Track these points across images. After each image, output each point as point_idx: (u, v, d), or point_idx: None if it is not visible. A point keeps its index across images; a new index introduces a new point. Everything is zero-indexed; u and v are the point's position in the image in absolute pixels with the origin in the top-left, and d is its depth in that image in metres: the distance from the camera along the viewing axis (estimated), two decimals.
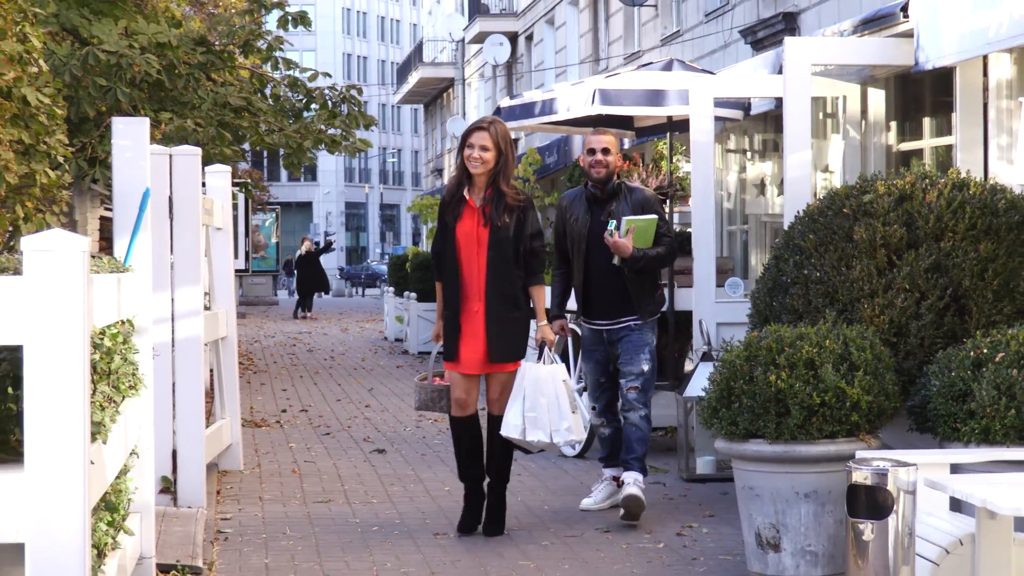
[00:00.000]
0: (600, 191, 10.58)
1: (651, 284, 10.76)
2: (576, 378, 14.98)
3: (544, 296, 10.17)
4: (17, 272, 4.98)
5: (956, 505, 7.75)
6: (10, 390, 5.37)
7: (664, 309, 11.61)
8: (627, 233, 10.07)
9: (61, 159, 8.30)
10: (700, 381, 9.94)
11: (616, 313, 10.58)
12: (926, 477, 7.47)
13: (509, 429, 9.58)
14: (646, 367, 10.50)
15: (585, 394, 14.16)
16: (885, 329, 9.97)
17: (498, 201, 9.58)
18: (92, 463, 5.14)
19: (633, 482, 10.23)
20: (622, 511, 10.18)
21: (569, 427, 9.72)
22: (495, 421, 9.84)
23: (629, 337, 10.54)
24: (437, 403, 10.07)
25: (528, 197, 10.01)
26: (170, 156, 10.23)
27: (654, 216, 10.39)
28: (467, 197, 9.72)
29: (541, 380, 9.64)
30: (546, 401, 9.57)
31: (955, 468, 7.76)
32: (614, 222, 9.99)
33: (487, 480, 9.98)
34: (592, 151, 10.51)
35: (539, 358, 9.90)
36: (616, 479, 10.74)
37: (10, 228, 7.43)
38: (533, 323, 10.50)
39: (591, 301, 10.71)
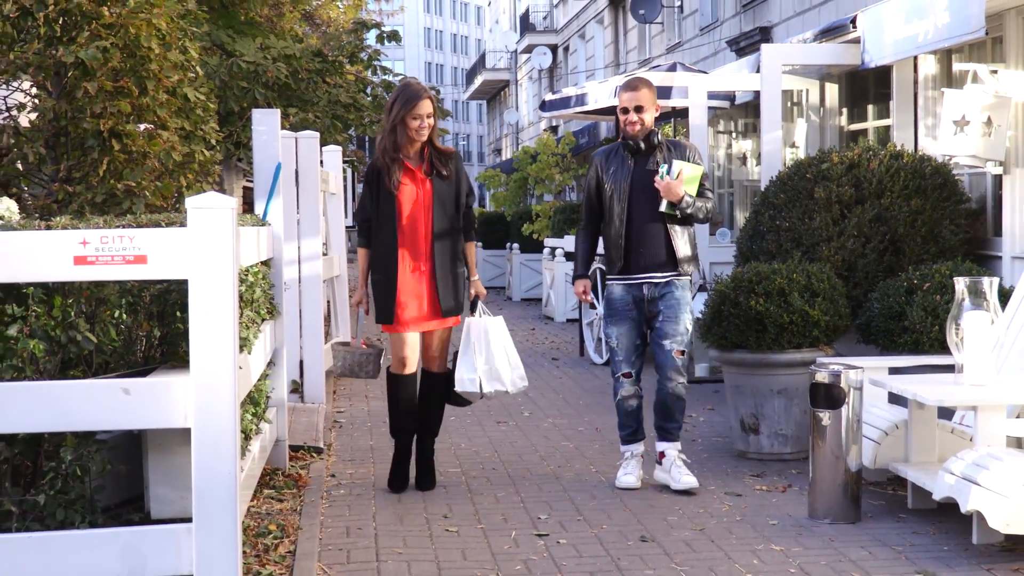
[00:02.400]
0: (639, 142, 7.93)
1: (692, 240, 7.97)
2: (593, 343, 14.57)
3: (475, 252, 8.05)
4: (183, 225, 4.99)
5: (894, 399, 7.73)
6: (178, 314, 5.39)
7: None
8: (677, 176, 7.69)
9: (214, 142, 8.29)
10: (697, 305, 9.87)
11: (659, 267, 7.79)
12: (870, 377, 7.46)
13: (464, 384, 7.67)
14: (690, 326, 7.82)
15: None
16: (839, 265, 9.97)
17: (439, 156, 7.63)
18: (240, 368, 5.17)
19: (677, 457, 7.82)
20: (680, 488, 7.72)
21: (521, 375, 7.87)
22: (433, 377, 7.88)
23: (673, 294, 7.77)
24: (364, 367, 7.91)
25: (454, 149, 7.99)
26: (296, 139, 10.25)
27: (702, 165, 8.00)
28: (404, 161, 7.57)
29: (490, 332, 7.78)
30: (498, 352, 7.76)
31: (892, 371, 7.76)
32: (665, 165, 7.69)
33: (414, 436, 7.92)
34: (625, 110, 8.01)
35: (473, 311, 7.92)
36: (641, 455, 8.05)
37: (176, 194, 7.42)
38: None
39: (631, 254, 7.83)
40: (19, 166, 7.45)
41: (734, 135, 19.44)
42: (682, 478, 7.67)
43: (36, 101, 7.36)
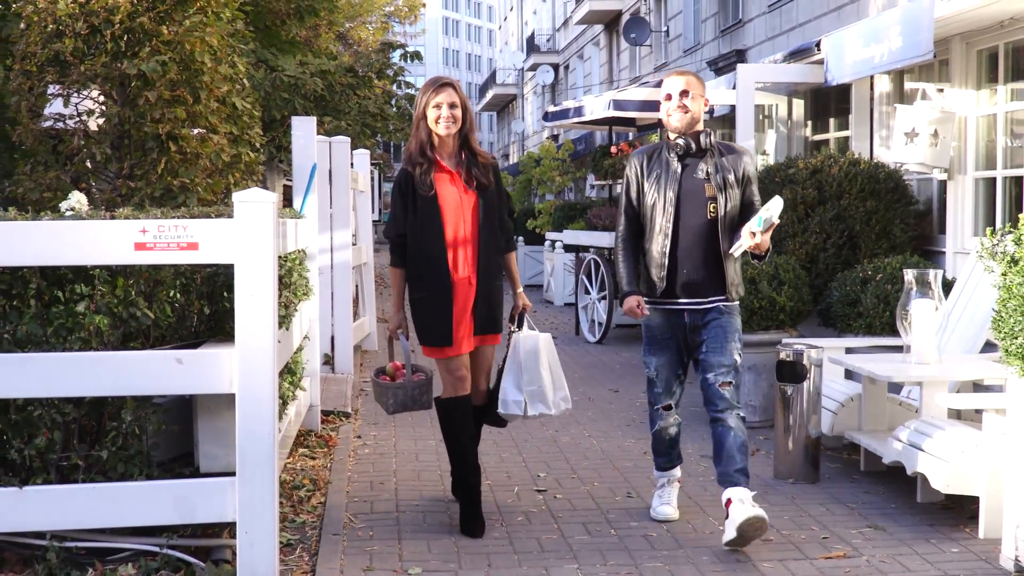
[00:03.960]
0: (690, 143, 5.86)
1: (736, 262, 5.97)
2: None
3: (516, 261, 6.31)
4: (230, 216, 4.98)
5: (849, 375, 7.73)
6: (225, 294, 5.39)
7: None
8: (769, 229, 5.60)
9: (258, 145, 8.28)
10: None
11: (706, 290, 5.88)
12: (829, 356, 7.46)
13: (509, 407, 6.07)
14: (738, 358, 5.91)
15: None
16: (803, 258, 9.99)
17: (476, 163, 5.92)
18: (279, 342, 5.16)
19: (745, 499, 5.64)
20: (735, 536, 5.57)
21: (565, 396, 6.22)
22: (482, 399, 6.27)
23: (718, 321, 5.88)
24: (419, 401, 6.12)
25: (495, 158, 6.51)
26: (330, 143, 10.22)
27: (782, 204, 5.66)
28: (438, 160, 5.89)
29: (537, 351, 6.12)
30: (544, 372, 6.12)
31: (848, 350, 7.76)
32: (761, 218, 5.53)
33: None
34: (669, 96, 5.90)
35: (519, 326, 6.20)
36: (679, 479, 6.42)
37: (224, 190, 7.42)
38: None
39: (675, 275, 5.90)
40: (88, 164, 7.45)
41: None
42: (741, 512, 5.55)
43: (103, 108, 7.36)
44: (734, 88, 13.55)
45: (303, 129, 8.87)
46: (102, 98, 7.42)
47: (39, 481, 5.01)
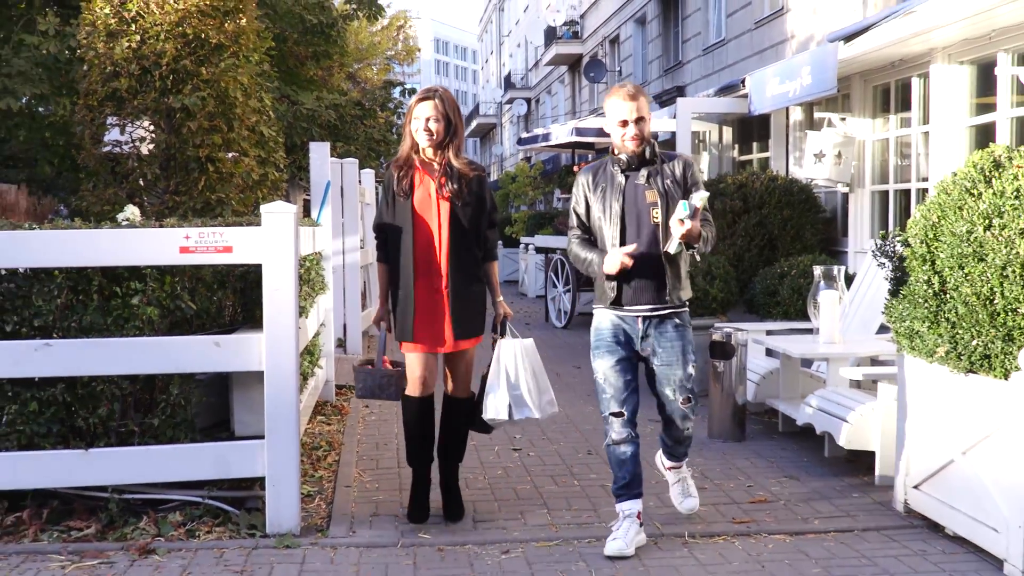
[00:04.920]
0: (633, 158, 4.91)
1: (686, 266, 5.01)
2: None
3: (497, 272, 5.32)
4: (259, 224, 4.98)
5: (769, 352, 7.76)
6: (255, 289, 5.38)
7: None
8: (695, 215, 4.70)
9: (282, 166, 8.25)
10: None
11: (653, 298, 4.85)
12: (753, 337, 7.49)
13: (494, 412, 5.08)
14: (692, 370, 4.95)
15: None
16: (731, 257, 10.01)
17: (453, 174, 5.03)
18: (300, 328, 5.16)
19: (689, 476, 5.36)
20: (683, 503, 5.28)
21: (551, 399, 5.22)
22: (456, 402, 5.28)
23: (668, 332, 4.86)
24: (385, 390, 5.25)
25: (482, 167, 5.32)
26: (341, 164, 10.19)
27: (706, 193, 4.80)
28: (418, 166, 5.08)
29: (519, 355, 5.15)
30: (527, 377, 5.14)
31: (769, 332, 7.78)
32: (685, 204, 4.68)
33: (434, 462, 5.34)
34: (625, 123, 4.88)
35: (502, 334, 5.25)
36: (639, 515, 4.87)
37: (254, 203, 7.40)
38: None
39: (623, 284, 4.88)
40: (141, 182, 7.43)
41: None
42: (684, 501, 5.26)
43: (153, 136, 7.33)
44: (675, 117, 13.59)
45: (319, 153, 8.85)
46: (152, 127, 7.39)
47: (102, 444, 5.00)
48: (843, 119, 11.49)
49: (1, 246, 4.78)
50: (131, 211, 5.96)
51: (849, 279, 8.07)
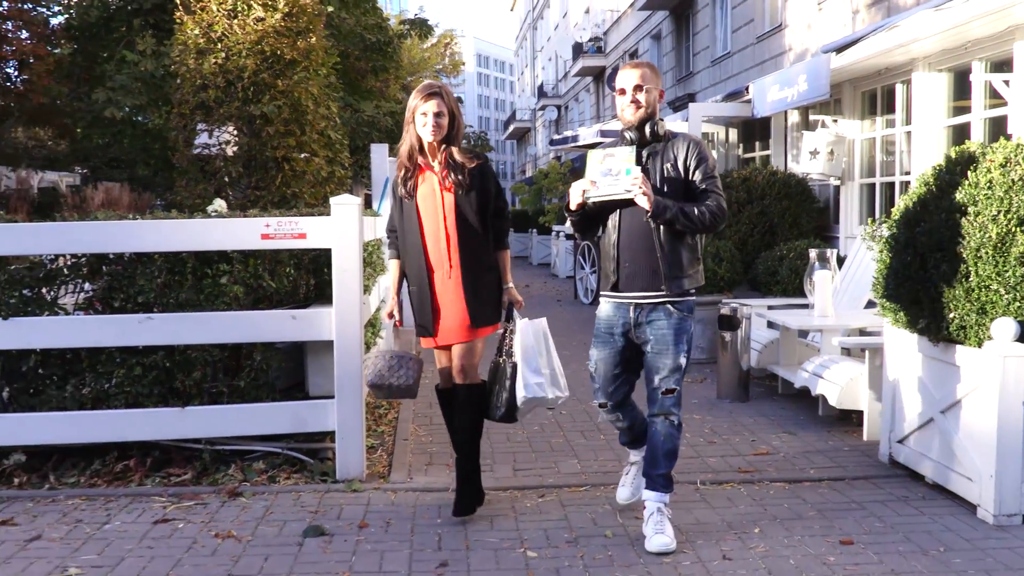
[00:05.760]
0: (637, 136, 4.11)
1: (689, 253, 4.12)
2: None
3: (509, 259, 4.57)
4: (328, 214, 5.00)
5: (770, 325, 7.72)
6: (325, 270, 5.41)
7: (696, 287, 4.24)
8: (638, 179, 3.93)
9: (347, 165, 8.28)
10: None
11: (647, 285, 4.10)
12: (756, 311, 7.44)
13: (533, 389, 4.32)
14: (683, 360, 4.12)
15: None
16: (736, 242, 9.93)
17: (455, 166, 4.40)
18: (363, 304, 5.19)
19: (658, 511, 4.10)
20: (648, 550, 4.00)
21: (565, 383, 4.52)
22: (463, 390, 4.45)
23: (661, 321, 4.09)
24: (395, 372, 4.50)
25: (484, 156, 4.64)
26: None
27: (629, 148, 4.03)
28: (421, 165, 4.45)
29: (539, 336, 4.46)
30: (553, 357, 4.51)
31: (770, 307, 7.73)
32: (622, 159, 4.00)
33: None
34: (623, 91, 4.14)
35: (507, 319, 4.48)
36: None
37: (323, 197, 7.44)
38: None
39: (620, 267, 4.16)
40: (226, 179, 7.47)
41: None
42: (654, 537, 4.01)
43: (236, 139, 7.37)
44: (687, 120, 13.49)
45: (378, 153, 8.87)
46: (235, 132, 7.43)
47: (196, 403, 5.07)
48: (835, 120, 11.35)
49: (111, 234, 4.85)
50: (219, 204, 6.00)
51: (840, 261, 8.00)
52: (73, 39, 14.44)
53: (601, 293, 4.33)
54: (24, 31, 15.52)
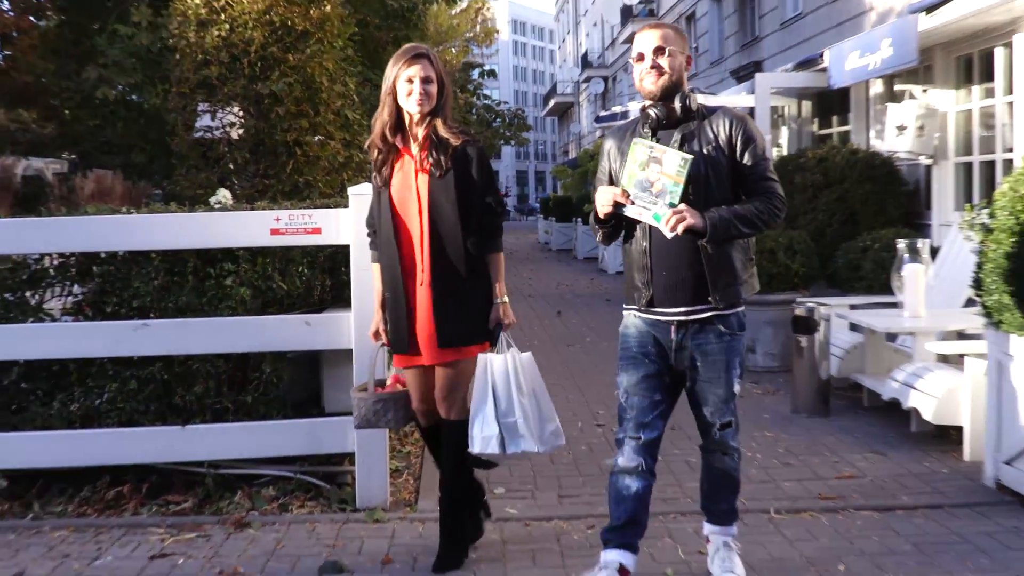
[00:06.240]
0: (663, 111, 3.69)
1: (742, 254, 3.70)
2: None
3: (502, 265, 4.18)
4: (346, 206, 4.98)
5: (853, 327, 7.60)
6: (343, 269, 5.39)
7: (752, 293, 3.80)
8: (681, 198, 3.52)
9: (366, 149, 8.27)
10: None
11: (691, 298, 3.67)
12: (836, 312, 7.35)
13: (482, 444, 3.92)
14: (737, 386, 3.80)
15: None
16: (812, 232, 9.84)
17: (438, 142, 4.01)
18: None
19: (724, 546, 4.00)
20: None
21: (555, 430, 4.05)
22: (448, 429, 4.14)
23: (710, 344, 3.72)
24: (382, 417, 4.24)
25: (475, 134, 4.29)
26: None
27: (680, 157, 3.52)
28: (400, 147, 4.08)
29: (513, 372, 3.98)
30: (525, 400, 3.98)
31: (852, 307, 7.62)
32: (683, 159, 3.53)
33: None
34: (641, 56, 3.75)
35: (493, 344, 4.09)
36: (624, 570, 3.75)
37: (340, 185, 7.43)
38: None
39: (654, 277, 3.70)
40: (231, 166, 7.49)
41: None
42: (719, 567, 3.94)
43: (242, 121, 7.38)
44: (752, 93, 13.37)
45: None
46: (241, 113, 7.45)
47: (197, 421, 5.07)
48: (924, 91, 11.18)
49: (102, 231, 4.86)
50: (223, 194, 6.01)
51: (934, 252, 7.87)
52: (60, 10, 14.61)
53: (627, 307, 3.88)
54: (6, 2, 15.73)
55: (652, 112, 3.73)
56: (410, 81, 4.01)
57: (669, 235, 3.54)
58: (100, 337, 4.87)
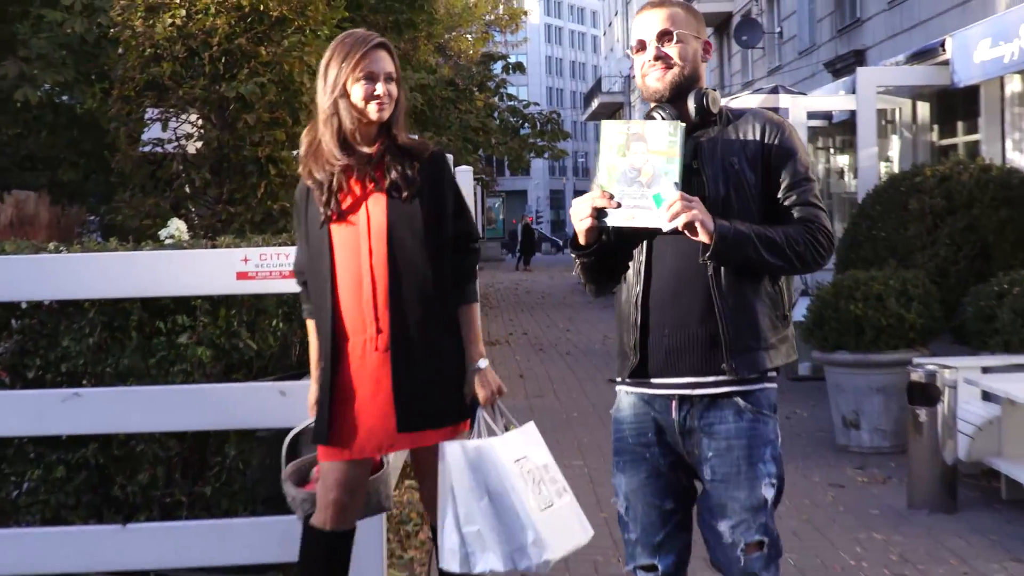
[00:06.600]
0: (673, 115, 3.36)
1: (769, 307, 3.38)
2: None
3: (478, 319, 4.07)
4: None
5: (987, 396, 7.55)
6: None
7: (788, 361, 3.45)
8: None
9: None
10: (800, 310, 9.76)
11: (697, 364, 3.32)
12: (964, 376, 7.31)
13: (446, 559, 3.70)
14: (769, 491, 3.31)
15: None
16: (932, 272, 9.81)
17: (402, 156, 3.88)
18: None
19: None
20: None
21: (536, 539, 3.66)
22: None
23: (725, 425, 3.34)
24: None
25: (440, 148, 4.17)
26: None
27: (669, 124, 3.24)
28: (342, 166, 3.85)
29: (478, 467, 3.76)
30: (493, 502, 3.73)
31: (986, 370, 7.58)
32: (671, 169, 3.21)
33: None
34: (642, 45, 3.46)
35: (471, 424, 3.91)
36: None
37: None
38: None
39: (650, 336, 3.37)
40: (187, 190, 7.57)
41: (832, 151, 19.19)
42: None
43: (202, 132, 7.47)
44: (854, 92, 13.39)
45: None
46: (200, 122, 7.53)
47: (142, 518, 5.07)
48: None
49: (23, 274, 4.89)
50: (176, 226, 6.06)
51: None
52: None
53: (618, 381, 3.59)
54: None
55: (657, 114, 3.45)
56: (371, 78, 3.83)
57: (667, 226, 3.21)
58: (19, 410, 4.89)
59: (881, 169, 14.99)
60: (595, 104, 62.57)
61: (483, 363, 3.94)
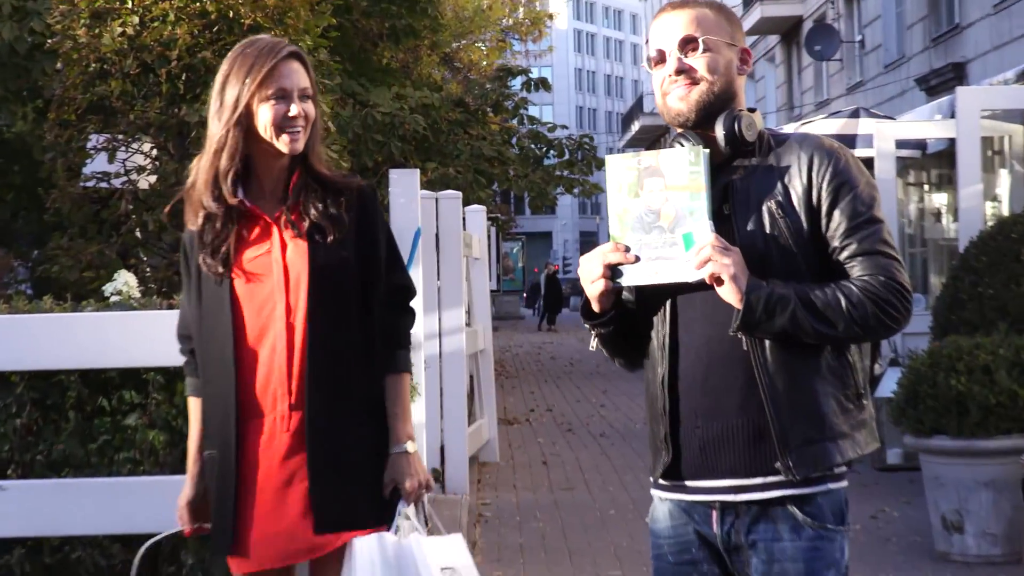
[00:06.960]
0: (703, 138, 3.19)
1: (835, 384, 3.15)
2: None
3: (408, 392, 3.92)
4: None
5: None
6: None
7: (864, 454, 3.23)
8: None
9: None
10: (889, 384, 9.69)
11: (740, 462, 3.13)
12: None
13: None
14: None
15: None
16: None
17: (324, 191, 3.75)
18: None
19: None
20: None
21: None
22: None
23: (780, 539, 3.13)
24: None
25: (370, 183, 4.07)
26: (436, 199, 10.29)
27: (690, 151, 3.07)
28: (251, 206, 3.74)
29: (400, 570, 3.62)
30: None
31: None
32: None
33: None
34: (661, 56, 3.25)
35: (389, 524, 3.70)
36: None
37: None
38: None
39: (682, 425, 3.20)
40: (138, 234, 7.56)
41: (927, 188, 19.18)
42: None
43: (156, 164, 7.48)
44: (952, 116, 13.38)
45: (403, 184, 8.89)
46: (155, 152, 7.55)
47: None
48: None
49: None
50: (124, 280, 6.05)
51: None
52: None
53: (651, 482, 3.45)
54: None
55: (682, 142, 3.25)
56: (283, 95, 3.67)
57: (692, 276, 3.08)
58: None
59: (987, 211, 14.96)
60: (635, 127, 62.71)
61: (411, 446, 3.79)
